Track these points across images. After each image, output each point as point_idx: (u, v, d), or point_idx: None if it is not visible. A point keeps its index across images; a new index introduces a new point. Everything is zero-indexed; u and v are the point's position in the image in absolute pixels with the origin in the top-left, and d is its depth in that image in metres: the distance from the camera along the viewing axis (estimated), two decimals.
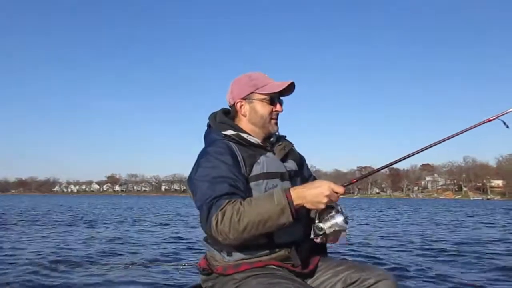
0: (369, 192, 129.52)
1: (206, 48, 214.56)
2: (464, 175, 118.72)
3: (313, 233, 1.48)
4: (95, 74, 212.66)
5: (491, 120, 1.57)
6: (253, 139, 1.60)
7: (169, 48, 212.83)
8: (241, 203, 1.36)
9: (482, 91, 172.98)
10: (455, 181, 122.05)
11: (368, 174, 1.83)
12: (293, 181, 1.62)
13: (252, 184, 1.52)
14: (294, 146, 1.77)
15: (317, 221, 1.46)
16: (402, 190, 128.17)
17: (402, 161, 1.57)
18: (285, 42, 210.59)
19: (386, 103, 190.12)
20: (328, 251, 1.73)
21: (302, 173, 1.77)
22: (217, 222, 1.33)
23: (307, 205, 1.38)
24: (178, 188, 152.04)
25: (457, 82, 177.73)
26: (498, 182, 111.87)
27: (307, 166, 1.85)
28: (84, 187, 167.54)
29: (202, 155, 1.54)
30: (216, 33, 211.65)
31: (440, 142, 1.56)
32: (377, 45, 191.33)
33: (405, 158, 1.57)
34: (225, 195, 1.39)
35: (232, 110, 1.69)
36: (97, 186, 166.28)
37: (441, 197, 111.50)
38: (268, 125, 1.64)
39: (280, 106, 1.66)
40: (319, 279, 1.59)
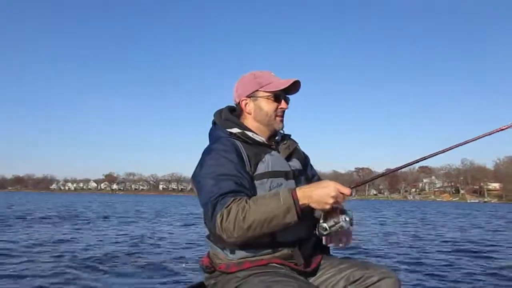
0: (367, 194, 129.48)
1: (206, 48, 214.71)
2: (462, 178, 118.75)
3: (317, 233, 1.47)
4: (94, 74, 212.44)
5: (504, 129, 1.52)
6: (258, 138, 1.60)
7: (169, 48, 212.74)
8: (247, 201, 1.35)
9: (482, 91, 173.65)
10: (453, 184, 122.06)
11: (377, 176, 1.82)
12: (298, 180, 1.61)
13: (257, 183, 1.51)
14: (299, 145, 1.76)
15: (322, 221, 1.44)
16: (400, 192, 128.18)
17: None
18: (285, 42, 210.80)
19: (386, 103, 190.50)
20: (331, 250, 1.72)
21: (307, 173, 1.77)
22: (222, 220, 1.33)
23: (313, 205, 1.37)
24: (176, 187, 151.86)
25: (457, 82, 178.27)
26: (496, 185, 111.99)
27: (312, 166, 1.85)
28: (82, 185, 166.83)
29: (207, 152, 1.53)
30: (216, 33, 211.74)
31: (452, 148, 1.52)
32: (377, 45, 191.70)
33: (418, 162, 1.54)
34: (231, 193, 1.38)
35: (237, 109, 1.69)
36: (95, 184, 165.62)
37: (438, 199, 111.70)
38: (274, 122, 1.63)
39: (286, 103, 1.64)
40: (322, 277, 1.58)
